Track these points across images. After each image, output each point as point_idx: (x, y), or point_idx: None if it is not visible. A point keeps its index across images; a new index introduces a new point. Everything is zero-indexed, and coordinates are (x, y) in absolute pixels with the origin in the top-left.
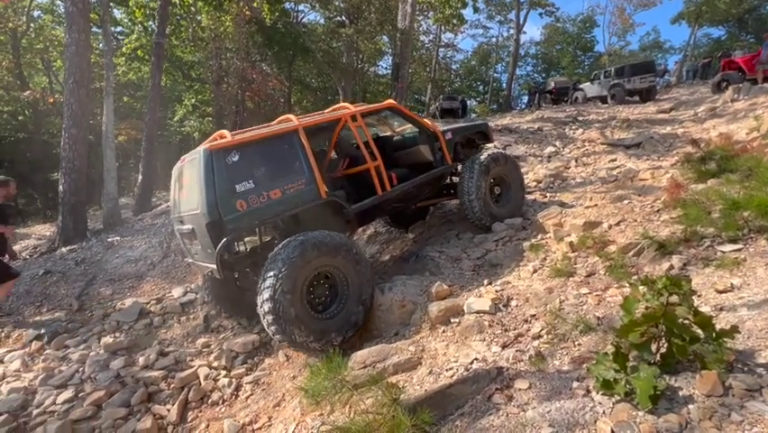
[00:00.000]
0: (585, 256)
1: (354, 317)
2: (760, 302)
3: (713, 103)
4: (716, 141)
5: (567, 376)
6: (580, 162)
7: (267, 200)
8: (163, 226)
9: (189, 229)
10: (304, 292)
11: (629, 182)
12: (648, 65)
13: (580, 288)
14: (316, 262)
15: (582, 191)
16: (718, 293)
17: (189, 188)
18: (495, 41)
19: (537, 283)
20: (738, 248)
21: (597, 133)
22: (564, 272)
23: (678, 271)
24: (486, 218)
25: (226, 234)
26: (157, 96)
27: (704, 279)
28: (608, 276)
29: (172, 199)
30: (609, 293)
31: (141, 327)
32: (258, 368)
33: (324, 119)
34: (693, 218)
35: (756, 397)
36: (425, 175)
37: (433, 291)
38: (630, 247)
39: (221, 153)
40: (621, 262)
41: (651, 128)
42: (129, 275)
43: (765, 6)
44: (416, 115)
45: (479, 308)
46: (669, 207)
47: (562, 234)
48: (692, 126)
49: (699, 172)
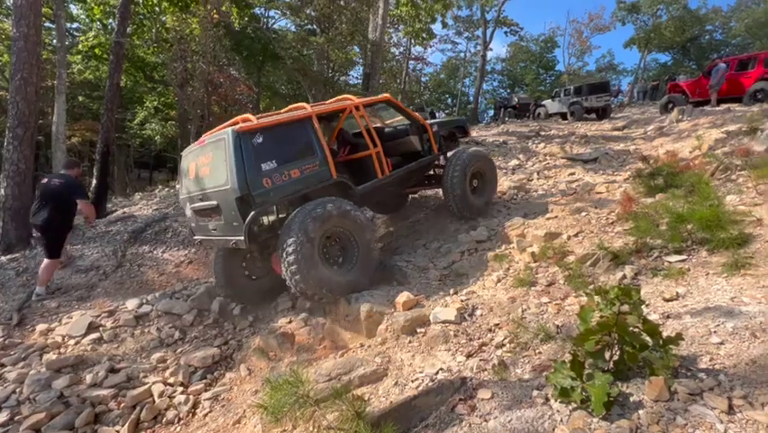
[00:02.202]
0: (546, 266)
1: (366, 270)
2: (701, 310)
3: (661, 122)
4: (663, 158)
5: (528, 385)
6: (542, 175)
7: (288, 179)
8: (118, 234)
9: (213, 205)
10: (320, 248)
11: (587, 195)
12: (604, 85)
13: (541, 297)
14: (331, 221)
15: (544, 203)
16: (665, 301)
17: (214, 167)
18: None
19: (501, 293)
20: (683, 259)
21: (557, 148)
22: (526, 282)
23: (630, 280)
24: (464, 207)
25: (254, 208)
26: (115, 96)
27: (653, 288)
28: (567, 285)
29: (184, 181)
30: (568, 302)
31: (89, 342)
32: (218, 383)
33: (333, 108)
34: (643, 230)
35: (698, 401)
36: (417, 162)
37: (399, 301)
38: (587, 257)
39: (248, 135)
40: (579, 271)
41: (606, 144)
42: (78, 286)
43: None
44: (408, 109)
45: (444, 317)
46: (622, 220)
47: (525, 245)
48: (643, 144)
49: (648, 187)
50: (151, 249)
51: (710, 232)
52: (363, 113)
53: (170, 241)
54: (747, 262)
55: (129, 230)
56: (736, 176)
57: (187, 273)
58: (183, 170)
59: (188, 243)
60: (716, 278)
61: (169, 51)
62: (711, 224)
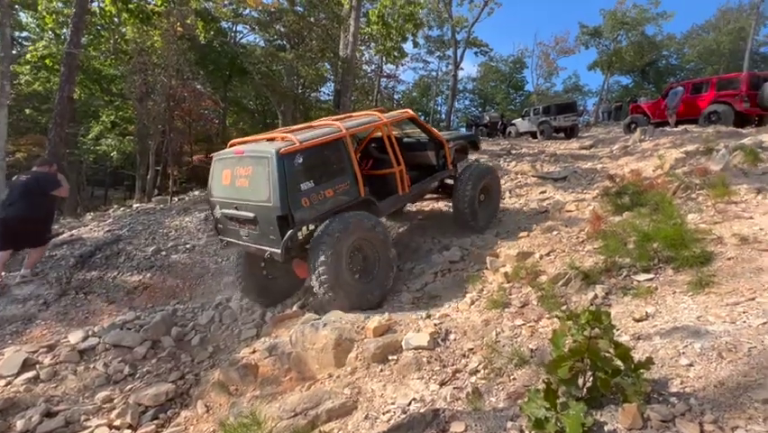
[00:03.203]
0: (519, 287)
1: (386, 281)
2: (670, 330)
3: (625, 142)
4: (628, 177)
5: (502, 415)
6: (514, 193)
7: (323, 198)
8: (63, 259)
9: (250, 216)
10: (347, 260)
11: (557, 213)
12: (571, 105)
13: (515, 319)
14: (356, 235)
15: (516, 222)
16: (636, 322)
17: (254, 181)
18: (435, 75)
19: (475, 315)
20: (651, 277)
21: (528, 166)
22: (500, 303)
23: (601, 300)
24: (473, 219)
25: (292, 226)
26: (65, 109)
27: (623, 307)
28: (541, 306)
29: (216, 184)
30: (542, 324)
31: (22, 383)
32: (171, 424)
33: (364, 127)
34: (612, 249)
35: (671, 427)
36: (432, 177)
37: (370, 327)
38: (559, 277)
39: (290, 156)
40: (551, 292)
41: (575, 163)
42: (13, 318)
43: (662, 61)
44: (428, 125)
45: (417, 343)
46: (592, 238)
47: (498, 265)
48: (609, 162)
49: (615, 205)
50: (101, 275)
51: (675, 250)
52: (391, 131)
53: (123, 266)
54: (711, 281)
55: (76, 254)
56: (696, 194)
57: (142, 301)
58: (215, 174)
59: (144, 267)
60: (682, 296)
61: (128, 64)
62: (676, 242)
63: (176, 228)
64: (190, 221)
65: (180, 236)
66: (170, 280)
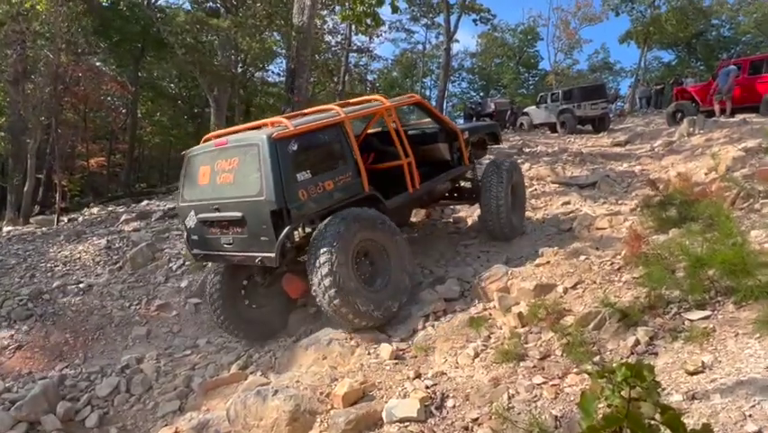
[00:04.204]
0: (538, 332)
1: (403, 285)
2: (733, 385)
3: (669, 136)
4: (675, 182)
5: None
6: (529, 206)
7: (322, 191)
8: None
9: (236, 217)
10: (353, 263)
11: (585, 232)
12: (599, 89)
13: (533, 376)
14: (360, 234)
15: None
16: (689, 375)
17: (241, 174)
18: (422, 49)
19: (480, 372)
20: (707, 315)
21: (547, 170)
22: (513, 355)
23: (644, 346)
24: (509, 227)
25: (288, 223)
26: None
27: (673, 356)
28: (566, 358)
29: (189, 185)
30: (568, 381)
31: None
32: None
33: (364, 112)
34: (657, 279)
35: None
36: (447, 173)
37: (339, 393)
38: (590, 318)
39: (284, 142)
40: (580, 338)
41: (606, 164)
42: None
43: (712, 32)
44: (439, 112)
45: (403, 414)
46: (630, 264)
47: (510, 303)
48: (650, 163)
49: (659, 220)
50: None
51: (736, 279)
52: (395, 117)
53: None
54: None
55: None
56: (760, 204)
57: (14, 365)
58: (190, 174)
59: (17, 317)
60: (747, 339)
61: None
62: (736, 268)
63: (65, 261)
64: (86, 250)
65: (71, 272)
66: (56, 334)
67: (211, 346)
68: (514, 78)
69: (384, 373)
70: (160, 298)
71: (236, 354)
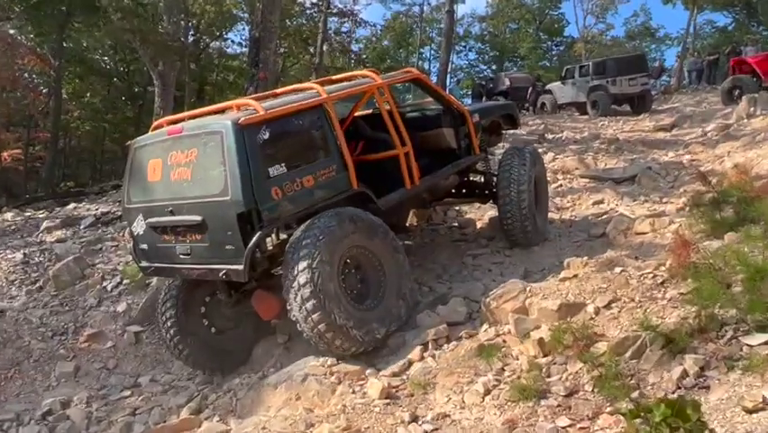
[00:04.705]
0: (563, 362)
1: (396, 310)
2: None
3: (725, 118)
4: (731, 175)
5: None
6: (553, 206)
7: (300, 189)
8: None
9: (195, 221)
10: (339, 274)
11: (622, 237)
12: (639, 61)
13: (557, 417)
14: (352, 239)
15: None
16: (748, 413)
17: (200, 169)
18: (419, 12)
19: (492, 413)
20: None
21: (574, 161)
22: (532, 392)
23: (693, 379)
24: (532, 228)
25: (259, 228)
26: None
27: (728, 390)
28: (598, 394)
29: (137, 182)
30: (600, 423)
31: None
32: None
33: (350, 91)
34: (708, 296)
35: None
36: (453, 165)
37: None
38: (627, 344)
39: (253, 129)
40: (615, 369)
41: (648, 153)
42: None
43: None
44: (442, 90)
45: None
46: (676, 278)
47: (528, 327)
48: (701, 151)
49: (712, 222)
50: None
51: None
52: (389, 98)
53: None
54: None
55: None
56: None
57: None
58: (137, 169)
59: None
60: None
61: None
62: None
63: None
64: None
65: None
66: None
67: (156, 385)
68: (533, 47)
69: (372, 416)
70: (91, 325)
71: (188, 395)
